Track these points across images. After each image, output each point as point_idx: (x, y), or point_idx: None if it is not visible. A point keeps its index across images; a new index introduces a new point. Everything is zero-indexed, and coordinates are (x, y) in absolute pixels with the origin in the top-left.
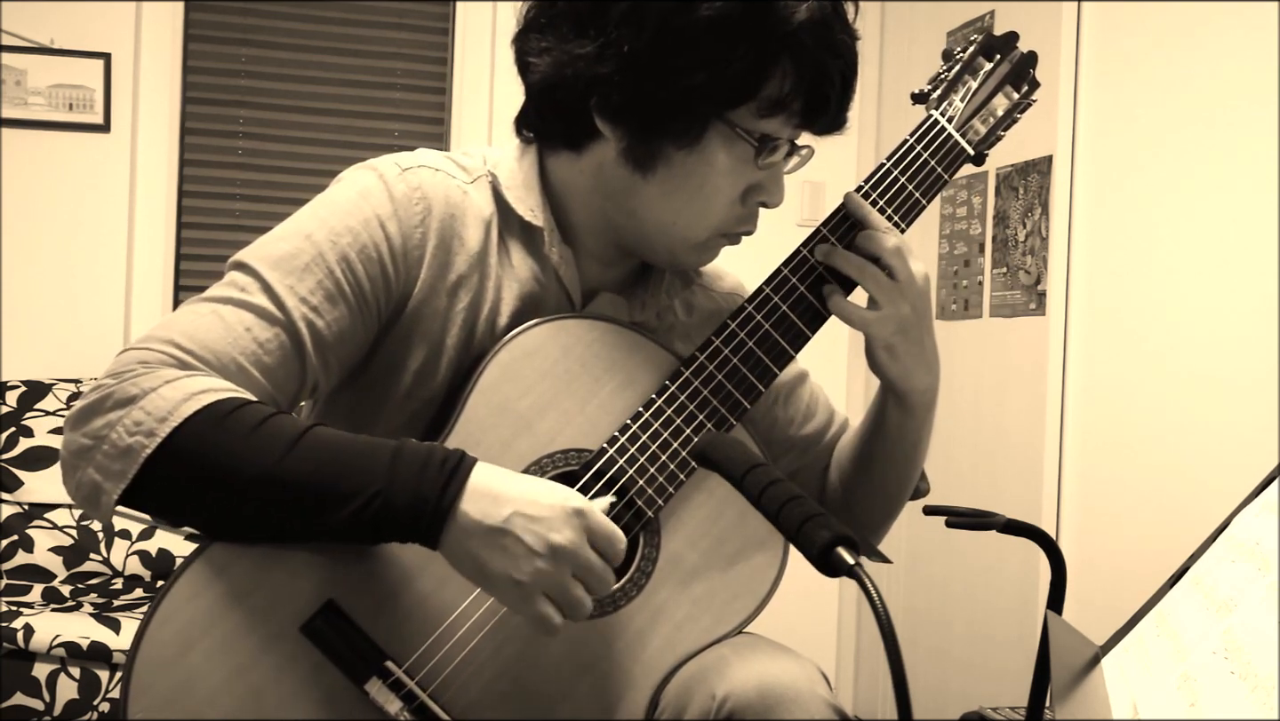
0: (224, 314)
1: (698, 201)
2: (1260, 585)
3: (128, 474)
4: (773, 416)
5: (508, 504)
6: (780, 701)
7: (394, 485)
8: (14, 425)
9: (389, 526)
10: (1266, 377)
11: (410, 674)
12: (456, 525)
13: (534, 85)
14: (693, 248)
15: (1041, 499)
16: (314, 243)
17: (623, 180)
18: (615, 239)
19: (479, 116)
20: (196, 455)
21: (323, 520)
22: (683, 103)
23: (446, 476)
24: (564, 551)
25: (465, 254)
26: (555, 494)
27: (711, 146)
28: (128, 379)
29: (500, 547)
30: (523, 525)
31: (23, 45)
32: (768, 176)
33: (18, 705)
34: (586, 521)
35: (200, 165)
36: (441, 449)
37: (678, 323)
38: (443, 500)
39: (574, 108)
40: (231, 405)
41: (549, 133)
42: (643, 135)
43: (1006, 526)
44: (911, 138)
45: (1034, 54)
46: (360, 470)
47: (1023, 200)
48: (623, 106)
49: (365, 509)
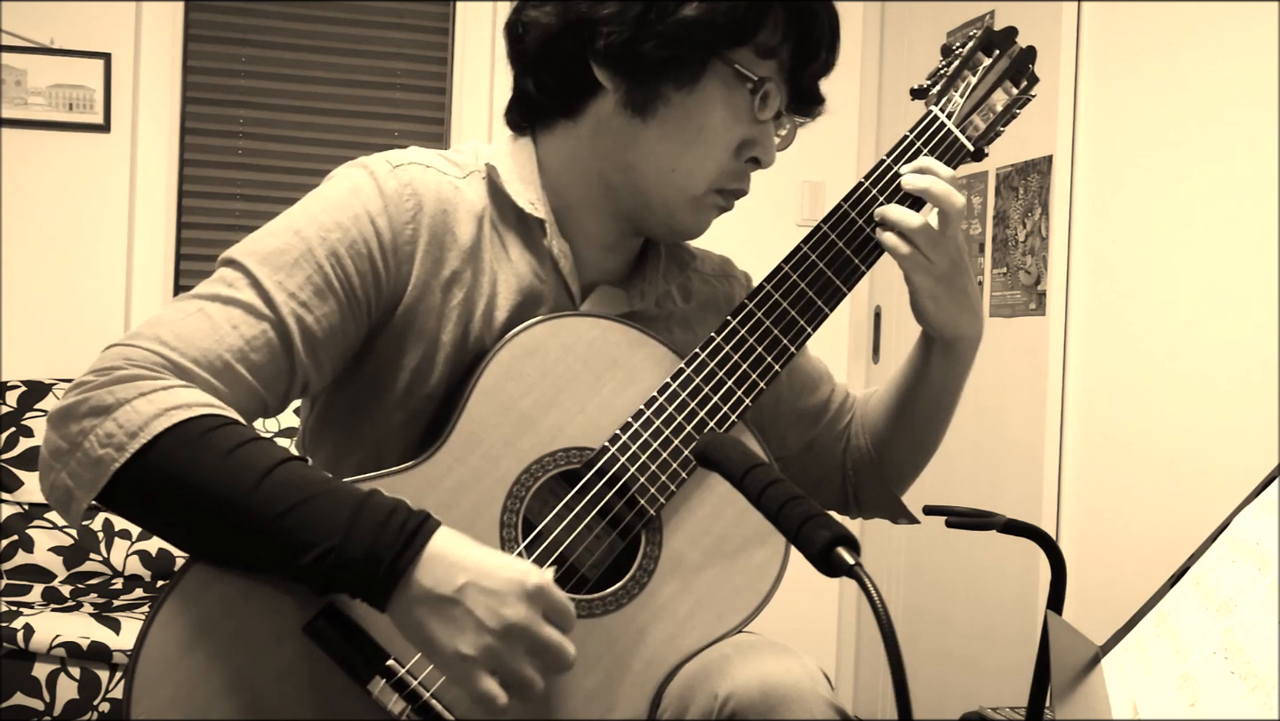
0: (211, 311)
1: (696, 146)
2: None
3: (97, 485)
4: (778, 391)
5: (462, 573)
6: (783, 701)
7: (350, 540)
8: (14, 425)
9: (339, 581)
10: (1266, 378)
11: (413, 673)
12: (407, 590)
13: (534, 45)
14: (689, 203)
15: (1041, 499)
16: (303, 238)
17: (622, 131)
18: (614, 211)
19: (479, 116)
20: (164, 474)
21: (278, 562)
22: (682, 37)
23: (406, 538)
24: (516, 628)
25: (458, 249)
26: (513, 567)
27: (710, 87)
28: (105, 385)
29: (449, 618)
30: (475, 597)
31: (23, 45)
32: (761, 132)
33: (18, 705)
34: (544, 598)
35: (200, 165)
36: (405, 508)
37: (676, 309)
38: (398, 563)
39: (573, 63)
40: (205, 425)
41: (545, 103)
42: (642, 77)
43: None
44: (911, 133)
45: (1033, 49)
46: (319, 519)
47: (1023, 200)
48: (623, 48)
49: (320, 561)
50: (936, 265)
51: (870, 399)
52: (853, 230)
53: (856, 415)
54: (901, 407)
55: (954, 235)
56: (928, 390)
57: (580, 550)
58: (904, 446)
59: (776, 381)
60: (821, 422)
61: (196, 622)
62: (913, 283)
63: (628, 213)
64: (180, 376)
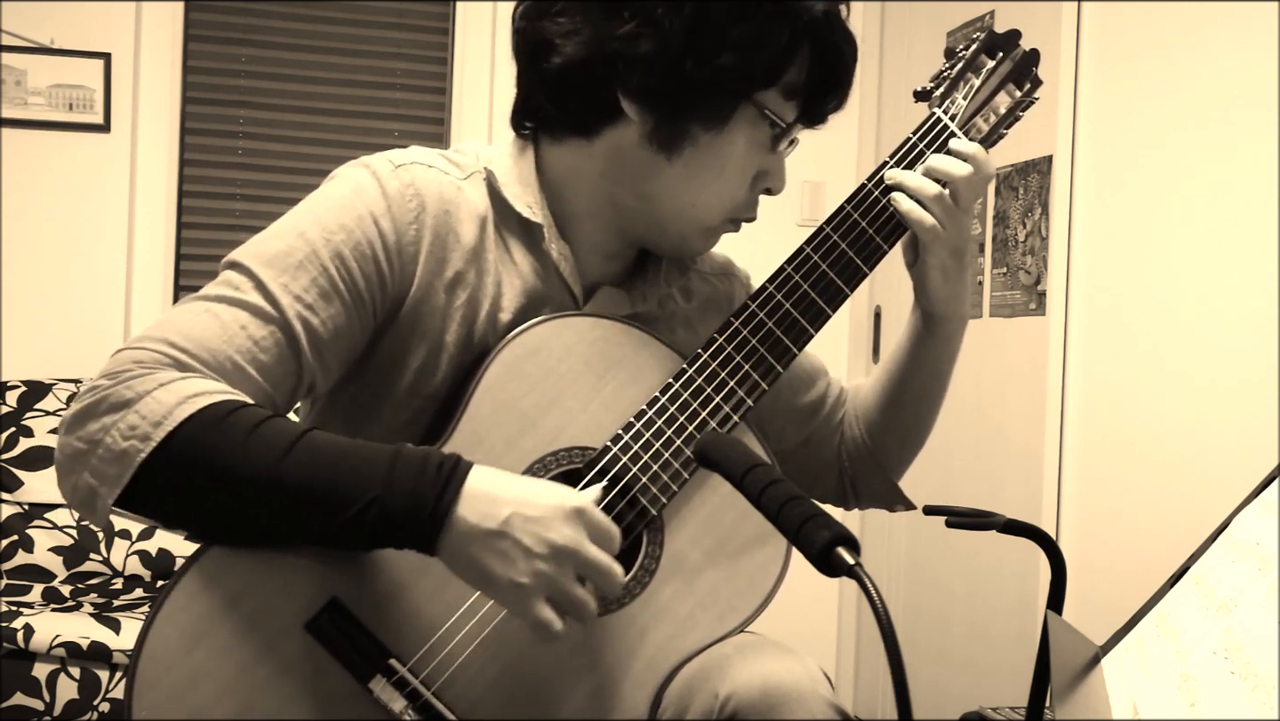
0: (219, 312)
1: (717, 184)
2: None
3: (123, 478)
4: (776, 388)
5: (505, 505)
6: (783, 701)
7: (391, 490)
8: (14, 425)
9: (385, 532)
10: (1266, 378)
11: (414, 672)
12: (454, 530)
13: (556, 68)
14: (704, 232)
15: (1041, 499)
16: (307, 240)
17: (643, 163)
18: (620, 227)
19: (479, 116)
20: (192, 459)
21: (319, 525)
22: (719, 83)
23: (444, 480)
24: (565, 551)
25: (461, 250)
26: (553, 493)
27: (736, 129)
28: (123, 381)
29: (499, 551)
30: (521, 526)
31: (23, 45)
32: (775, 162)
33: (18, 705)
34: (586, 519)
35: (200, 165)
36: (438, 453)
37: (678, 309)
38: (439, 504)
39: (597, 90)
40: (228, 408)
41: (560, 119)
42: (673, 116)
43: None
44: (914, 135)
45: (1036, 52)
46: (357, 475)
47: (1023, 200)
48: (658, 87)
49: (363, 514)
50: (952, 237)
51: (861, 390)
52: (855, 231)
53: (849, 406)
54: (895, 395)
55: (969, 208)
56: (921, 375)
57: None
58: (898, 433)
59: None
60: (819, 417)
61: (198, 620)
62: (928, 254)
63: (637, 234)
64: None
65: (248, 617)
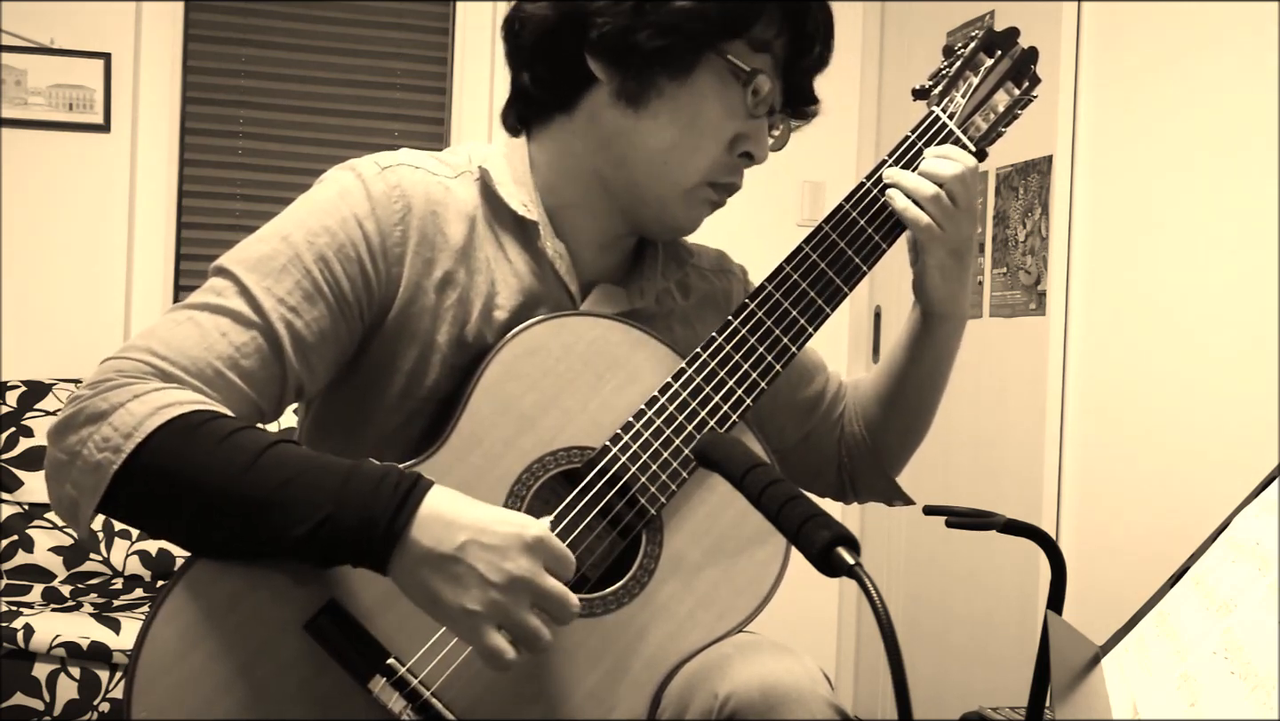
0: (200, 320)
1: (689, 136)
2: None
3: (99, 490)
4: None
5: (461, 531)
6: (783, 701)
7: (343, 508)
8: (14, 425)
9: (337, 550)
10: (1266, 378)
11: (414, 672)
12: (407, 551)
13: (529, 37)
14: (682, 196)
15: (1041, 499)
16: (291, 244)
17: (616, 123)
18: (609, 208)
19: (479, 116)
20: (160, 470)
21: (277, 540)
22: (676, 28)
23: (399, 500)
24: (520, 581)
25: (449, 250)
26: (511, 521)
27: (703, 80)
28: (100, 392)
29: (452, 575)
30: (477, 554)
31: (23, 45)
32: (754, 127)
33: (18, 705)
34: (544, 549)
35: (200, 165)
36: (397, 471)
37: (676, 306)
38: (394, 525)
39: (568, 56)
40: (199, 419)
41: (540, 98)
42: (636, 68)
43: (1006, 526)
44: (913, 134)
45: (1035, 50)
46: (312, 490)
47: (1023, 200)
48: (617, 38)
49: (316, 531)
50: (951, 238)
51: (860, 385)
52: (854, 230)
53: (848, 401)
54: (894, 392)
55: (969, 208)
56: (919, 372)
57: (581, 549)
58: (897, 430)
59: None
60: (818, 413)
61: (198, 620)
62: (926, 254)
63: (622, 208)
64: (171, 383)
65: (246, 618)
